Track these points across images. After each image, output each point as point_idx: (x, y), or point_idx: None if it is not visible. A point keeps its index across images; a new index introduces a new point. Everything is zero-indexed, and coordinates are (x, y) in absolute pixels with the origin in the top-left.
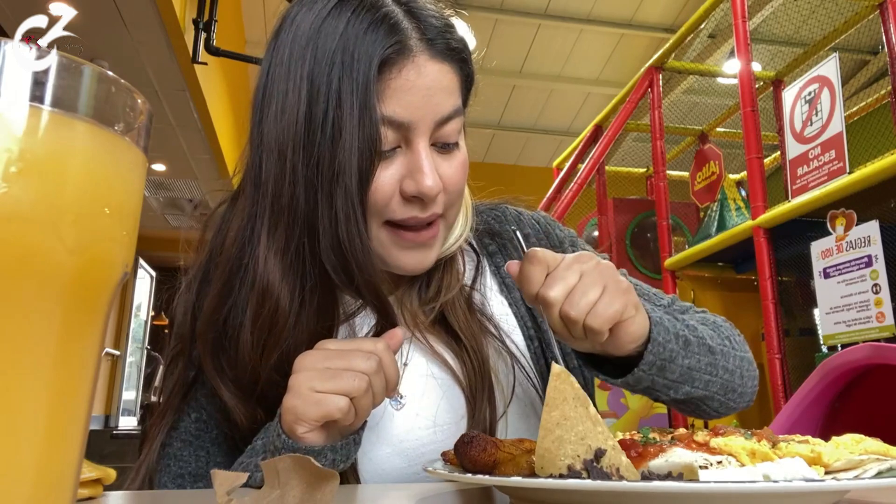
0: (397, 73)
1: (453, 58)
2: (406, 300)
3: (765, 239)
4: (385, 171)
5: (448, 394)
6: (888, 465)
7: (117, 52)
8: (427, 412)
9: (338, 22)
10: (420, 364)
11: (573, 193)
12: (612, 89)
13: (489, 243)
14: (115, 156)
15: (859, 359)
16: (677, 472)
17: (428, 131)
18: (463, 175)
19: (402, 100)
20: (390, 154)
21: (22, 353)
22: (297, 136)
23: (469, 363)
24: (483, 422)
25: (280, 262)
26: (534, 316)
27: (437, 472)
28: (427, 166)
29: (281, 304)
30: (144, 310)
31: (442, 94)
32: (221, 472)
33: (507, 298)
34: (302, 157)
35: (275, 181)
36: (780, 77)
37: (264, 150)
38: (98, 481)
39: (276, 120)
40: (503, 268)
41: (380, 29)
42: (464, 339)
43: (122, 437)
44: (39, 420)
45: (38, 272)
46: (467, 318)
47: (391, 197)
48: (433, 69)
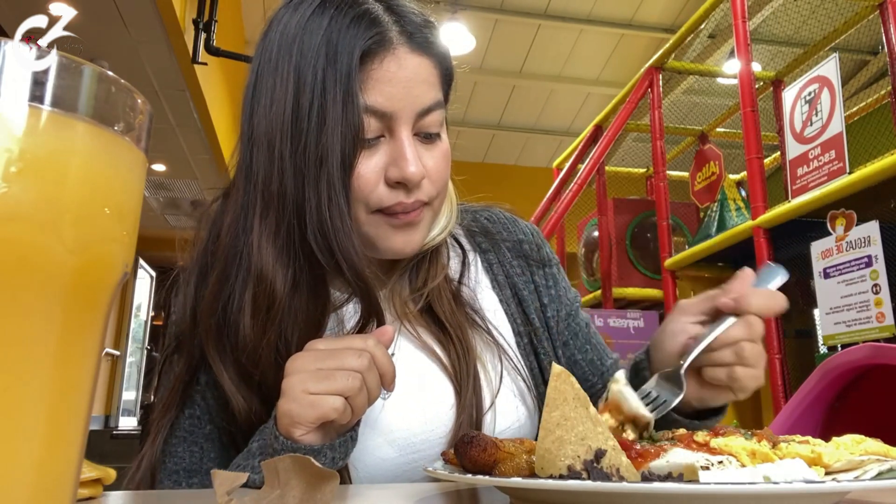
0: (378, 64)
1: (432, 52)
2: (395, 291)
3: (765, 239)
4: (370, 159)
5: (436, 383)
6: (888, 465)
7: (117, 52)
8: (416, 401)
9: (322, 19)
10: (408, 354)
11: (573, 193)
12: (612, 89)
13: (482, 241)
14: (115, 156)
15: (859, 359)
16: (678, 473)
17: (410, 121)
18: (445, 165)
19: (383, 90)
20: (374, 143)
21: (22, 353)
22: (285, 126)
23: (455, 352)
24: (470, 409)
25: (272, 246)
26: (525, 313)
27: (437, 472)
28: (410, 153)
29: (276, 287)
30: (144, 310)
31: (422, 86)
32: (221, 472)
33: (499, 294)
34: (289, 146)
35: (265, 170)
36: (780, 77)
37: (255, 142)
38: (98, 481)
39: (266, 112)
40: (495, 264)
41: (361, 23)
42: (449, 328)
43: (122, 437)
44: (39, 420)
45: (38, 272)
46: (453, 308)
47: (377, 184)
48: (413, 62)
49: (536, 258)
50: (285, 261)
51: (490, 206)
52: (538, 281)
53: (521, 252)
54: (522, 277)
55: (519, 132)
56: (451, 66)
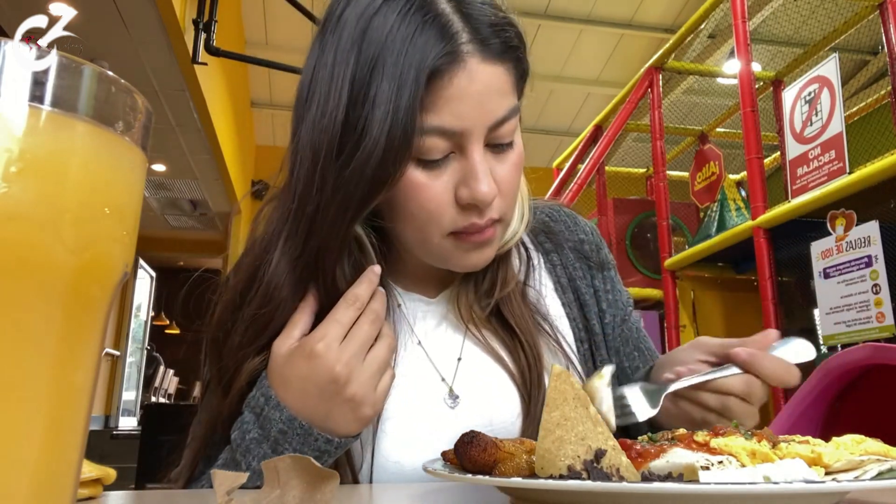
0: (448, 82)
1: (507, 57)
2: (462, 294)
3: (765, 239)
4: (438, 178)
5: (503, 391)
6: (888, 465)
7: (117, 52)
8: (483, 410)
9: (385, 21)
10: (475, 360)
11: (573, 193)
12: (612, 89)
13: (545, 241)
14: (115, 156)
15: (859, 359)
16: (678, 473)
17: (481, 137)
18: (517, 174)
19: (453, 110)
20: (443, 162)
21: (22, 353)
22: (332, 143)
23: (523, 360)
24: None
25: (288, 269)
26: (585, 317)
27: (437, 472)
28: (482, 172)
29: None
30: (144, 310)
31: (495, 98)
32: (221, 472)
33: (562, 298)
34: (333, 166)
35: (304, 187)
36: (780, 77)
37: (300, 153)
38: (98, 481)
39: (315, 123)
40: (559, 266)
41: (429, 31)
42: (519, 333)
43: (122, 437)
44: (39, 420)
45: (38, 272)
46: (522, 312)
47: (448, 205)
48: (486, 73)
49: (596, 260)
50: (296, 289)
51: (552, 203)
52: (598, 285)
53: (582, 253)
54: (584, 281)
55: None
56: (526, 64)
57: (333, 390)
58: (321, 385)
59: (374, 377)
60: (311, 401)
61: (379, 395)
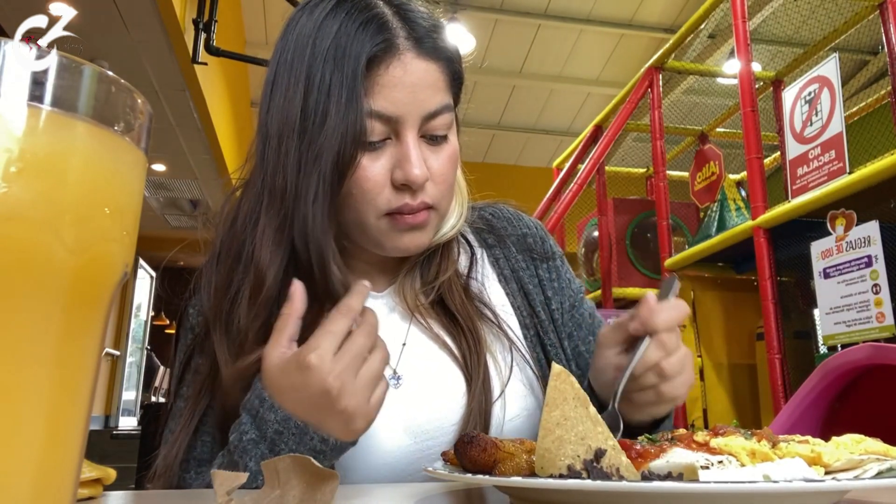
0: (384, 69)
1: (440, 56)
2: (407, 285)
3: (765, 239)
4: (376, 161)
5: (447, 373)
6: (888, 465)
7: (117, 52)
8: (425, 389)
9: (334, 22)
10: (419, 344)
11: (573, 194)
12: (612, 89)
13: (488, 237)
14: (115, 156)
15: (859, 359)
16: (677, 473)
17: (415, 125)
18: (451, 166)
19: (388, 95)
20: (380, 145)
21: (22, 353)
22: (294, 125)
23: (465, 343)
24: (479, 398)
25: (272, 240)
26: (531, 305)
27: (437, 472)
28: (414, 156)
29: (268, 279)
30: (144, 310)
31: (428, 91)
32: (221, 472)
33: (505, 288)
34: (295, 142)
35: (273, 164)
36: (780, 77)
37: (267, 136)
38: (98, 481)
39: (279, 110)
40: (501, 259)
41: (369, 28)
42: (460, 320)
43: (122, 437)
44: (39, 420)
45: (38, 272)
46: (464, 301)
47: (383, 186)
48: (419, 67)
49: (540, 252)
50: (280, 254)
51: (495, 203)
52: (542, 274)
53: (525, 246)
54: (527, 271)
55: (519, 132)
56: (460, 69)
57: (326, 402)
58: (314, 397)
59: (367, 389)
60: (304, 410)
61: (372, 407)
